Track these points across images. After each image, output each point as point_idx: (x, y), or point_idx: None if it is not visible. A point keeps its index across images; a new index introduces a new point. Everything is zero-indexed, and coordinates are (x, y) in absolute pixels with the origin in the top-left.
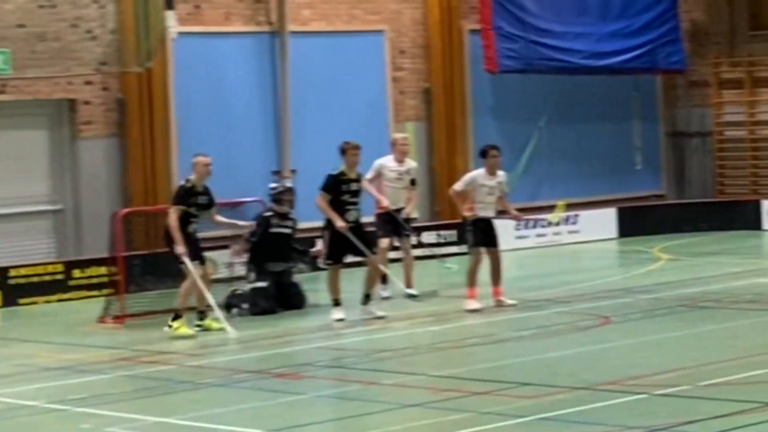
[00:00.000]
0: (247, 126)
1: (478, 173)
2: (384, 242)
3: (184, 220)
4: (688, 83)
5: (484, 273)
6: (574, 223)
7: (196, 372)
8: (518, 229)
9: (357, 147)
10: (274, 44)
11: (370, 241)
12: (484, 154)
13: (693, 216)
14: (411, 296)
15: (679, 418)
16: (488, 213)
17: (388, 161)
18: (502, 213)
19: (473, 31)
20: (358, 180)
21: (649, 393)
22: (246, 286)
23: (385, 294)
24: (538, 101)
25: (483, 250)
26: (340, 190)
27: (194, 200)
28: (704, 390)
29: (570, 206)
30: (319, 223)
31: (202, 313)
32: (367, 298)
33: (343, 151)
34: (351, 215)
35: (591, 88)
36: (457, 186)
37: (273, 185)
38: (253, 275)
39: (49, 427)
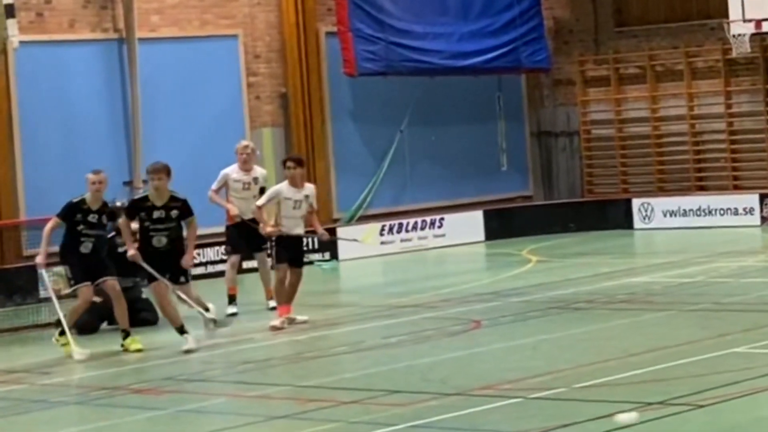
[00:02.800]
0: (97, 136)
1: (281, 186)
2: (232, 258)
3: (75, 238)
4: (552, 82)
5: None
6: (439, 227)
7: (49, 390)
8: (382, 234)
9: (157, 170)
10: (122, 51)
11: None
12: (283, 165)
13: (562, 216)
14: (213, 321)
15: (556, 421)
16: (295, 229)
17: (232, 171)
18: (310, 231)
19: (330, 34)
20: (165, 208)
21: (524, 397)
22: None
23: (233, 310)
24: (399, 104)
25: (286, 267)
26: (140, 216)
27: (82, 217)
28: (580, 392)
29: (435, 210)
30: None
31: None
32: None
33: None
34: (158, 241)
35: (454, 89)
36: (260, 201)
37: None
38: None
39: None
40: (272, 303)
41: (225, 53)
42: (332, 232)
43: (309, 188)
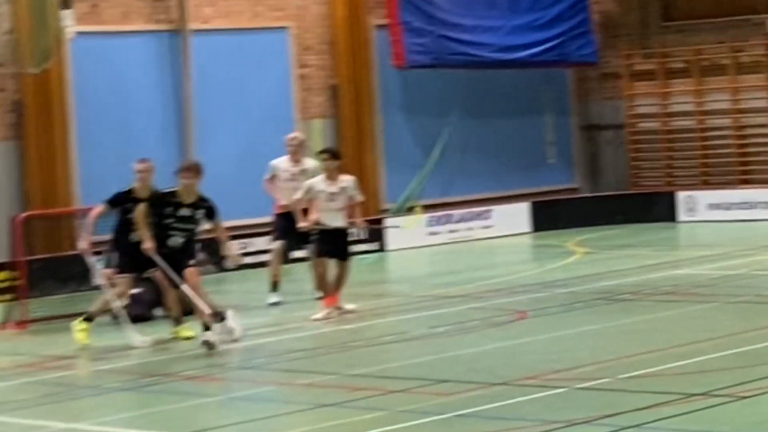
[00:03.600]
0: (149, 126)
1: (316, 179)
2: (277, 246)
3: (125, 227)
4: (599, 75)
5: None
6: (487, 218)
7: (102, 376)
8: (430, 225)
9: (189, 168)
10: (175, 43)
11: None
12: (320, 156)
13: (607, 209)
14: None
15: (600, 411)
16: (334, 222)
17: (281, 161)
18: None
19: (380, 26)
20: (192, 206)
21: (568, 387)
22: None
23: (275, 299)
24: (448, 96)
25: (324, 260)
26: (162, 211)
27: (131, 206)
28: (624, 383)
29: (482, 201)
30: (226, 224)
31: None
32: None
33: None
34: (174, 240)
35: (502, 82)
36: (296, 195)
37: None
38: None
39: None
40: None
41: (276, 45)
42: (380, 223)
43: (346, 180)
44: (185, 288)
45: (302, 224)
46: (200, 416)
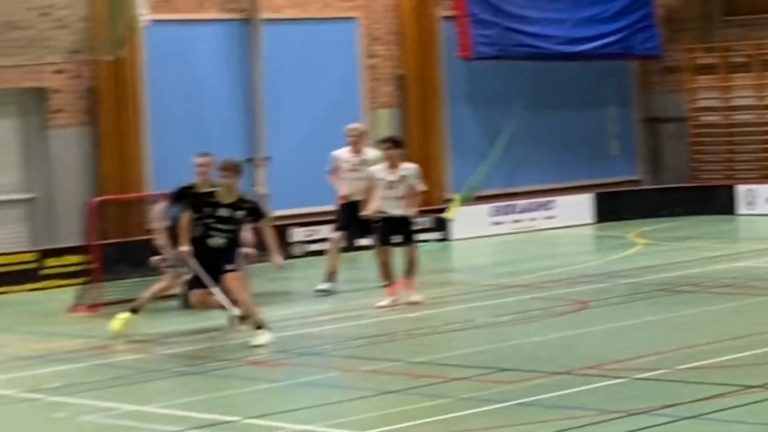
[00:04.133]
0: (220, 114)
1: (376, 167)
2: (336, 236)
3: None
4: (662, 69)
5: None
6: (550, 208)
7: (170, 360)
8: (494, 216)
9: (227, 167)
10: (247, 32)
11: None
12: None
13: (669, 201)
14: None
15: (659, 401)
16: (394, 210)
17: (343, 152)
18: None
19: (447, 18)
20: (231, 207)
21: (628, 377)
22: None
23: (324, 287)
24: (513, 87)
25: (387, 249)
26: (202, 211)
27: (193, 201)
28: (684, 373)
29: (545, 192)
30: (293, 211)
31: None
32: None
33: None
34: (215, 241)
35: (566, 74)
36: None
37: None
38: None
39: (23, 417)
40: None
41: (345, 35)
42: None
43: (407, 169)
44: (217, 292)
45: (364, 213)
46: (265, 401)
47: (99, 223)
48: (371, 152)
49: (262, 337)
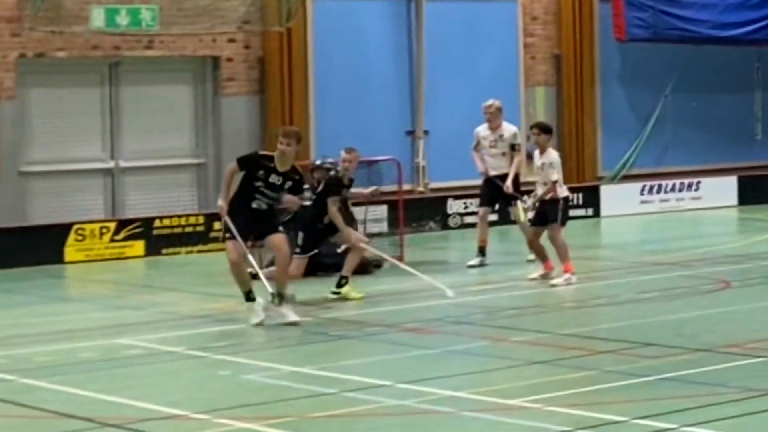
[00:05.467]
0: (382, 87)
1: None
2: (481, 211)
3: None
4: None
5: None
6: (696, 189)
7: (329, 324)
8: (642, 194)
9: (288, 134)
10: (410, 9)
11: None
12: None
13: None
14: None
15: None
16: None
17: (482, 129)
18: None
19: (603, 0)
20: (284, 175)
21: None
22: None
23: (474, 262)
24: (664, 70)
25: (538, 228)
26: (256, 173)
27: (335, 189)
28: None
29: (692, 173)
30: (449, 184)
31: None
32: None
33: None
34: (258, 204)
35: (716, 58)
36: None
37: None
38: None
39: (189, 373)
40: (531, 256)
41: (505, 14)
42: (596, 189)
43: (549, 156)
44: (249, 257)
45: (506, 188)
46: (419, 366)
47: None
48: (509, 128)
49: (291, 314)
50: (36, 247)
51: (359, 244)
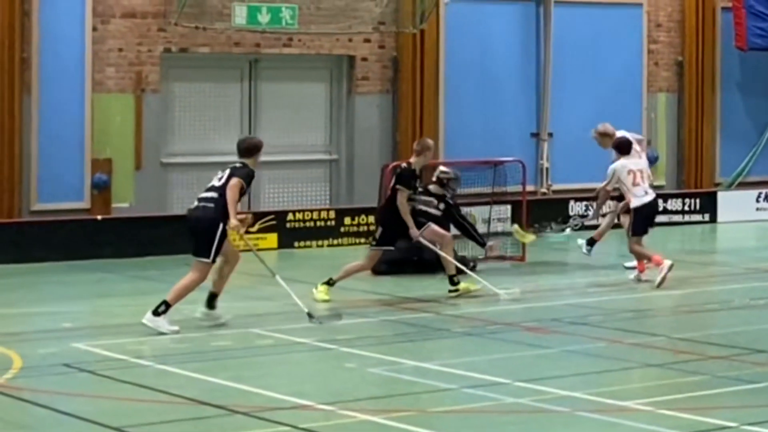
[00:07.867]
0: (509, 89)
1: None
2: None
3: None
4: None
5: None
6: None
7: (452, 321)
8: (758, 201)
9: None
10: (539, 12)
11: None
12: None
13: None
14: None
15: None
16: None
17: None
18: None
19: (725, 9)
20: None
21: None
22: None
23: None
24: None
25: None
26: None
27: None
28: None
29: None
30: (572, 186)
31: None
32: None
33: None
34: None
35: None
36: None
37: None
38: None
39: (317, 364)
40: (630, 263)
41: (630, 20)
42: (713, 195)
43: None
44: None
45: None
46: (537, 365)
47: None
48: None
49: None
50: (175, 236)
51: (418, 238)
